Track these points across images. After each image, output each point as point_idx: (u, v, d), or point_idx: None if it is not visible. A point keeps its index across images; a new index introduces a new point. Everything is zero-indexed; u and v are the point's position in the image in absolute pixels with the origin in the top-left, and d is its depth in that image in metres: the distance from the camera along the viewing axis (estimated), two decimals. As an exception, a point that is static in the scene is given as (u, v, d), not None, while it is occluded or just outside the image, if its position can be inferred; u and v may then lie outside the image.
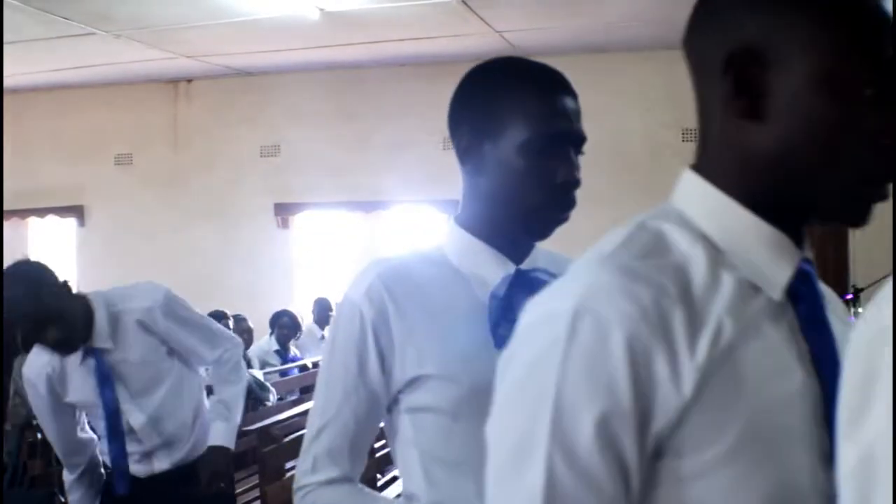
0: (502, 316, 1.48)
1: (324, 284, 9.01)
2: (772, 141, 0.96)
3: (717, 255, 0.97)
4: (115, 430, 3.04)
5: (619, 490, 0.91)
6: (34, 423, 3.75)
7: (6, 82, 8.97)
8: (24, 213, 9.41)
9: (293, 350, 8.06)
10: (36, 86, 9.32)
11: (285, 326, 7.96)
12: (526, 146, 1.48)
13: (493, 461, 0.97)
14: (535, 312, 0.98)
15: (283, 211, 9.13)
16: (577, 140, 1.51)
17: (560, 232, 1.57)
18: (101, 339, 2.98)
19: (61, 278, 2.92)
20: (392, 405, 1.55)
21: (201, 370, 3.36)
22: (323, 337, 8.24)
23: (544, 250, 1.63)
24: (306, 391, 6.89)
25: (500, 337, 1.45)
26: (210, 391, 3.34)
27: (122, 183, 9.33)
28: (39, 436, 3.70)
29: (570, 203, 1.52)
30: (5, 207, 9.17)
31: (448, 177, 9.20)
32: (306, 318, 8.39)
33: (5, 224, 9.44)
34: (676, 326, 0.91)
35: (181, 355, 3.14)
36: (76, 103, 9.52)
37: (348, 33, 7.46)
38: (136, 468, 3.09)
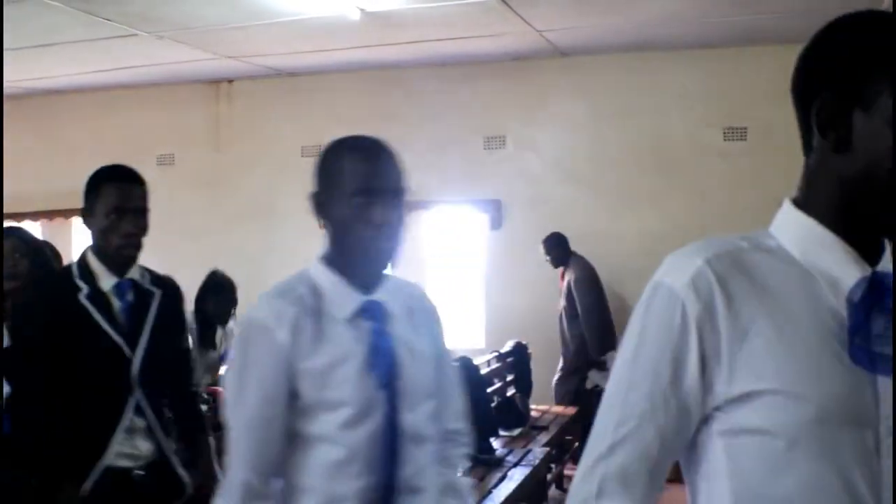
0: (859, 325, 1.22)
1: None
2: None
3: None
4: (394, 409, 2.14)
5: None
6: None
7: (49, 84, 9.11)
8: (67, 213, 9.48)
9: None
10: (78, 87, 9.41)
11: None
12: None
13: None
14: None
15: (324, 211, 9.12)
16: None
17: (605, 231, 1.51)
18: (387, 293, 2.21)
19: None
20: (701, 425, 1.28)
21: None
22: None
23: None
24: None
25: (858, 349, 1.21)
26: None
27: (164, 183, 9.32)
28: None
29: None
30: (49, 208, 9.49)
31: (489, 176, 9.19)
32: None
33: (49, 224, 9.65)
34: None
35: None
36: (118, 104, 9.60)
37: (389, 33, 7.46)
38: None
